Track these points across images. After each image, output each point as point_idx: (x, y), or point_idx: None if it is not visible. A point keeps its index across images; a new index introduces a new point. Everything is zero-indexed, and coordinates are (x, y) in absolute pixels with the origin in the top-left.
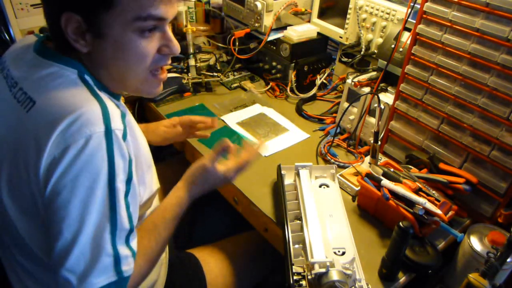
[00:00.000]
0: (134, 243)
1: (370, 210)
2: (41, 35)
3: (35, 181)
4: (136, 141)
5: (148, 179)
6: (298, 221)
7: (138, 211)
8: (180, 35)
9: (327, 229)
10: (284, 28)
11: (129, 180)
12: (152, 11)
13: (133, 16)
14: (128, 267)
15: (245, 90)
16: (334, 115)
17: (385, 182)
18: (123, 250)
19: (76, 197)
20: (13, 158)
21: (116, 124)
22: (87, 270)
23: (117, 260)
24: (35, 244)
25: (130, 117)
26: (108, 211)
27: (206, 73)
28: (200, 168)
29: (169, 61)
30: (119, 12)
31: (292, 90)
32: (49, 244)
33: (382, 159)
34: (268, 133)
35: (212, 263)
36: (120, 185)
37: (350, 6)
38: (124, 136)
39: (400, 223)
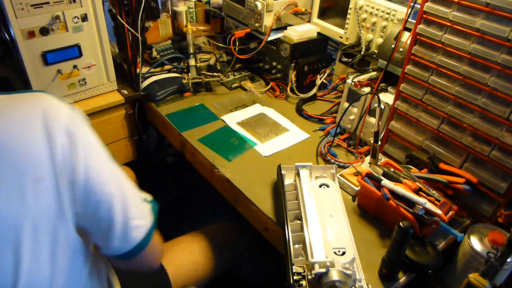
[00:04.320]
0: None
1: (370, 210)
2: None
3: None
4: None
5: None
6: (298, 221)
7: None
8: (181, 35)
9: (327, 229)
10: (284, 28)
11: None
12: None
13: None
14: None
15: (245, 90)
16: (334, 115)
17: (385, 182)
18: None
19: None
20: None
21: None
22: (141, 212)
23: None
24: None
25: None
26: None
27: (206, 73)
28: None
29: None
30: None
31: (292, 90)
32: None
33: (382, 159)
34: (268, 133)
35: (171, 255)
36: None
37: (350, 6)
38: None
39: (400, 223)
